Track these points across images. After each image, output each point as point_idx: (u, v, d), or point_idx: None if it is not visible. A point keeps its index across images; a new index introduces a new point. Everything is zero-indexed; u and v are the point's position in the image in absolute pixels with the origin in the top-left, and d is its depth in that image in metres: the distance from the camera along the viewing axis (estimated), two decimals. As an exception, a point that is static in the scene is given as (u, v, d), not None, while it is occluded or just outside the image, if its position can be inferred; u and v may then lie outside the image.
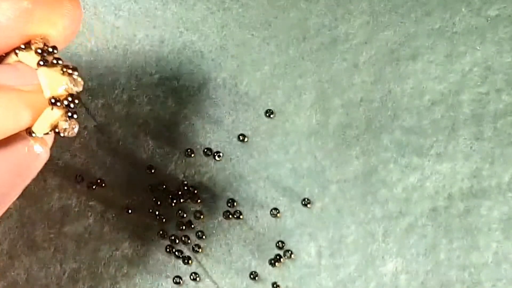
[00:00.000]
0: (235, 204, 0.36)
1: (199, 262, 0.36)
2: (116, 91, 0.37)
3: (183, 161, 0.37)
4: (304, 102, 0.37)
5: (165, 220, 0.36)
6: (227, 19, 0.37)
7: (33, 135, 0.21)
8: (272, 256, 0.36)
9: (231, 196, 0.37)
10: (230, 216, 0.36)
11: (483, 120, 0.37)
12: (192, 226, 0.36)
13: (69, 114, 0.21)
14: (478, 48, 0.37)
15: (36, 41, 0.21)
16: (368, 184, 0.36)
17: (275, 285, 0.36)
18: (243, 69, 0.37)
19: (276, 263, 0.36)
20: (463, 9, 0.37)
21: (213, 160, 0.37)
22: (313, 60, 0.37)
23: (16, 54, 0.21)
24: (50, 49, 0.21)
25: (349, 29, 0.37)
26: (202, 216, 0.36)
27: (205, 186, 0.37)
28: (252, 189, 0.37)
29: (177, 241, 0.36)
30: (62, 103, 0.21)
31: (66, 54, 0.37)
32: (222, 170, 0.37)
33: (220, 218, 0.36)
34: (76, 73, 0.21)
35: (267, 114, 0.37)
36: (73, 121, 0.22)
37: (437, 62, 0.37)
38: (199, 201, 0.37)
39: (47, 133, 0.22)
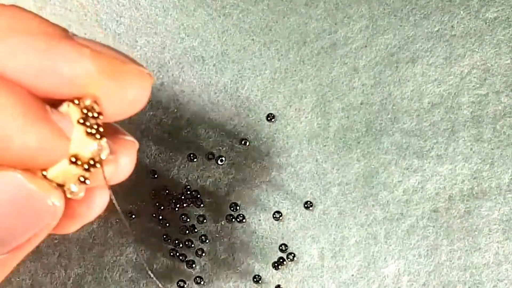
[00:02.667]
0: (237, 208, 0.37)
1: (203, 266, 0.37)
2: (118, 97, 0.37)
3: (186, 165, 0.37)
4: (305, 106, 0.37)
5: (168, 225, 0.37)
6: (228, 25, 0.38)
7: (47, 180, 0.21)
8: (275, 259, 0.36)
9: (234, 200, 0.37)
10: (233, 220, 0.37)
11: (483, 122, 0.37)
12: (195, 230, 0.37)
13: (82, 178, 0.21)
14: (476, 50, 0.37)
15: (85, 100, 0.21)
16: (369, 186, 0.37)
17: (278, 288, 0.36)
18: (244, 74, 0.37)
19: (279, 266, 0.36)
20: (461, 12, 0.37)
21: (216, 164, 0.37)
22: (313, 64, 0.37)
23: (68, 105, 0.21)
24: (96, 114, 0.21)
25: (348, 33, 0.37)
26: (205, 220, 0.37)
27: (208, 190, 0.37)
28: (254, 193, 0.37)
29: (180, 245, 0.36)
30: (81, 165, 0.21)
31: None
32: (224, 174, 0.37)
33: (223, 222, 0.37)
34: (104, 142, 0.21)
35: (269, 118, 0.37)
36: (83, 187, 0.22)
37: (436, 65, 0.37)
38: (202, 205, 0.37)
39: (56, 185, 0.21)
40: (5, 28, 0.20)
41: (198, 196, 0.37)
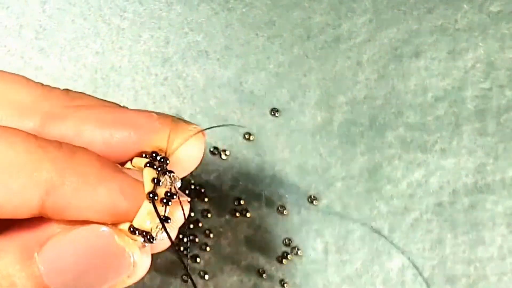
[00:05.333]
0: (241, 202, 0.37)
1: (207, 260, 0.37)
2: (121, 92, 0.37)
3: (190, 160, 0.37)
4: (309, 100, 0.37)
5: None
6: (231, 19, 0.38)
7: (136, 234, 0.22)
8: (279, 253, 0.36)
9: (238, 194, 0.37)
10: (237, 214, 0.37)
11: (487, 116, 0.37)
12: (200, 224, 0.37)
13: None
14: (480, 44, 0.37)
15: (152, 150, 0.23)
16: (373, 180, 0.37)
17: (282, 282, 0.36)
18: (247, 68, 0.37)
19: (283, 260, 0.36)
20: (465, 6, 0.37)
21: (220, 158, 0.37)
22: (317, 59, 0.37)
23: (131, 162, 0.23)
24: (161, 159, 0.23)
25: (352, 27, 0.37)
26: (209, 215, 0.37)
27: (212, 184, 0.37)
28: (258, 187, 0.37)
29: (185, 239, 0.36)
30: (160, 201, 0.22)
31: (71, 54, 0.38)
32: (228, 168, 0.37)
33: (227, 216, 0.37)
34: (178, 182, 0.23)
35: (272, 113, 0.37)
36: (160, 232, 0.22)
37: (440, 58, 0.37)
38: (206, 199, 0.37)
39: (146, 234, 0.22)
40: (77, 102, 0.23)
41: (202, 190, 0.37)
